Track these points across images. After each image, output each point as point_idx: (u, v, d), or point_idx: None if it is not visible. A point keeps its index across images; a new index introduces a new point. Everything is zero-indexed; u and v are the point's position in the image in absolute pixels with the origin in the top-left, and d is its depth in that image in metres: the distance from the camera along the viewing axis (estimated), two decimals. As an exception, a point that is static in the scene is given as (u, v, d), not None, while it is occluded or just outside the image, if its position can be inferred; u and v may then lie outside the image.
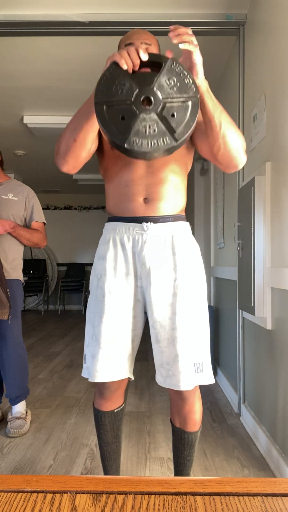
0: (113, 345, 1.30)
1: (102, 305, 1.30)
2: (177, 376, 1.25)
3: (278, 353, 1.81)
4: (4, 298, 2.10)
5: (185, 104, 1.02)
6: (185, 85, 1.02)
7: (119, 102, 1.01)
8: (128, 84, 1.02)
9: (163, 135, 1.01)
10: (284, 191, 1.74)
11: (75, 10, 2.39)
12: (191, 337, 1.26)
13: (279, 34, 1.83)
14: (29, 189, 2.39)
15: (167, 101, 1.01)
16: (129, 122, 1.01)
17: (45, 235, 2.37)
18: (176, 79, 1.03)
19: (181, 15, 2.40)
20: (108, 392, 1.38)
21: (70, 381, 3.14)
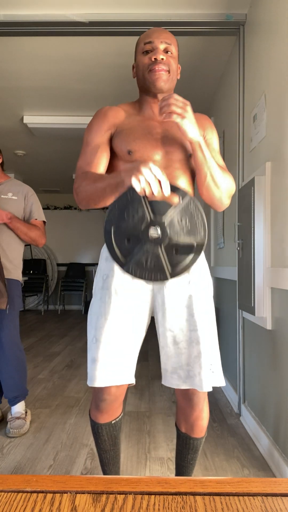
0: (118, 349, 1.25)
1: (107, 307, 1.26)
2: (199, 376, 1.23)
3: (278, 353, 1.81)
4: (2, 287, 2.10)
5: (190, 246, 1.05)
6: (195, 228, 1.05)
7: (128, 227, 1.05)
8: (141, 213, 1.04)
9: (160, 271, 1.05)
10: (284, 191, 1.74)
11: (75, 10, 2.39)
12: (208, 338, 1.26)
13: (279, 34, 1.83)
14: (29, 188, 2.39)
15: (174, 238, 1.04)
16: (132, 248, 1.05)
17: (44, 233, 2.36)
18: (189, 219, 1.05)
19: (181, 15, 2.40)
20: (104, 405, 1.32)
21: (70, 381, 3.14)
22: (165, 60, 1.28)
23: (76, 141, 4.45)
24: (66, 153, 5.22)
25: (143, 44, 1.30)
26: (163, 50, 1.29)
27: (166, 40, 1.29)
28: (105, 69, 3.09)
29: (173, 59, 1.30)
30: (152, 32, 1.32)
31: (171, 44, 1.30)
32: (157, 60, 1.27)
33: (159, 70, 1.27)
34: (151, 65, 1.27)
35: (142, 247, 1.04)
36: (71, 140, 4.58)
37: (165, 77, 1.28)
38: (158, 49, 1.28)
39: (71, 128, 4.08)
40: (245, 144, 2.43)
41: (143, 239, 1.04)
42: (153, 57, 1.27)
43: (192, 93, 3.47)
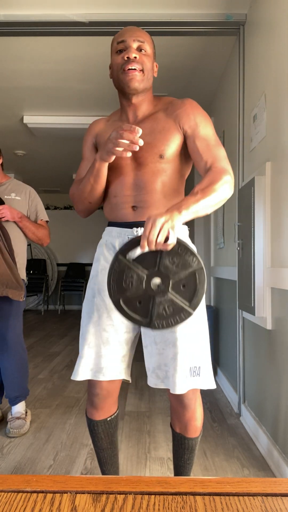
0: (101, 346, 1.29)
1: (91, 305, 1.33)
2: (173, 378, 1.23)
3: (278, 353, 1.81)
4: (20, 279, 2.14)
5: (192, 274, 1.08)
6: (187, 260, 1.07)
7: (133, 293, 1.08)
8: (135, 275, 1.08)
9: (181, 311, 1.09)
10: (284, 191, 1.74)
11: (75, 10, 2.39)
12: (188, 340, 1.26)
13: (279, 34, 1.83)
14: (31, 189, 2.41)
15: (175, 277, 1.07)
16: (147, 306, 1.09)
17: (49, 232, 2.41)
18: (177, 258, 1.07)
19: (181, 15, 2.40)
20: (98, 400, 1.34)
21: (70, 381, 3.14)
22: (138, 59, 1.25)
23: (76, 141, 4.44)
24: (66, 153, 5.22)
25: (116, 44, 1.28)
26: (136, 49, 1.26)
27: (139, 38, 1.27)
28: (105, 69, 3.08)
29: (147, 57, 1.27)
30: (125, 31, 1.29)
31: (144, 42, 1.27)
32: (129, 58, 1.24)
33: (132, 71, 1.24)
34: (124, 64, 1.25)
35: (155, 301, 1.08)
36: (71, 140, 4.58)
37: (139, 77, 1.25)
38: (130, 47, 1.26)
39: (71, 128, 4.08)
40: (245, 144, 2.43)
41: (151, 294, 1.08)
42: (126, 56, 1.25)
43: (192, 93, 3.47)
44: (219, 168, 1.20)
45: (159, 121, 1.29)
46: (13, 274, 2.11)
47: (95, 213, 4.28)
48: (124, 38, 1.27)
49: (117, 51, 1.28)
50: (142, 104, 1.32)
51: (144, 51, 1.27)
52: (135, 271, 1.08)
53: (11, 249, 2.17)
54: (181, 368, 1.23)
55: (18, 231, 2.27)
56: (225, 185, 1.17)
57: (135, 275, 1.08)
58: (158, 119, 1.29)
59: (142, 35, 1.29)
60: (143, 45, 1.27)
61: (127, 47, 1.26)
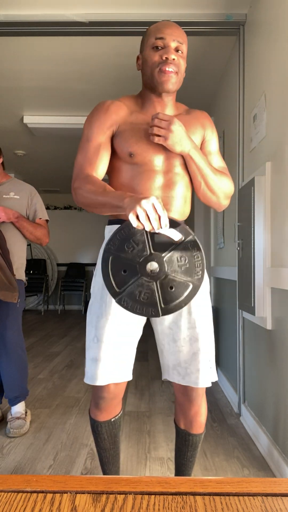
0: (118, 348, 1.27)
1: (108, 306, 1.26)
2: (196, 374, 1.26)
3: (278, 353, 1.81)
4: (13, 280, 2.11)
5: (186, 284, 1.05)
6: (193, 268, 1.05)
7: (127, 258, 1.05)
8: (141, 246, 1.04)
9: (152, 306, 1.05)
10: (284, 191, 1.74)
11: (75, 10, 2.39)
12: (206, 336, 1.29)
13: (279, 34, 1.83)
14: (31, 188, 2.40)
15: (171, 275, 1.04)
16: (128, 279, 1.05)
17: (48, 232, 2.39)
18: (188, 259, 1.05)
19: (181, 15, 2.40)
20: (103, 403, 1.33)
21: (70, 381, 3.14)
22: (176, 61, 1.23)
23: (76, 141, 4.44)
24: (66, 153, 5.22)
25: (154, 39, 1.24)
26: (175, 49, 1.23)
27: (179, 39, 1.24)
28: (105, 69, 3.09)
29: (183, 59, 1.26)
30: (165, 27, 1.24)
31: (182, 43, 1.25)
32: (168, 59, 1.22)
33: (169, 72, 1.22)
34: (161, 64, 1.22)
35: (138, 280, 1.04)
36: (71, 140, 4.58)
37: (174, 79, 1.24)
38: (170, 47, 1.22)
39: (71, 128, 4.08)
40: (245, 144, 2.43)
41: (139, 272, 1.04)
42: (165, 56, 1.22)
43: (192, 93, 3.47)
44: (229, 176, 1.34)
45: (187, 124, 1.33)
46: (5, 275, 2.09)
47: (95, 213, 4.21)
48: (164, 36, 1.23)
49: (154, 47, 1.24)
50: (170, 103, 1.33)
51: (181, 52, 1.25)
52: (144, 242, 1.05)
53: (5, 250, 2.14)
54: (204, 363, 1.27)
55: (16, 232, 2.26)
56: (229, 183, 1.30)
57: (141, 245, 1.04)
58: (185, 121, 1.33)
59: (182, 36, 1.26)
60: (181, 46, 1.25)
61: (166, 45, 1.23)
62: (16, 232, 2.27)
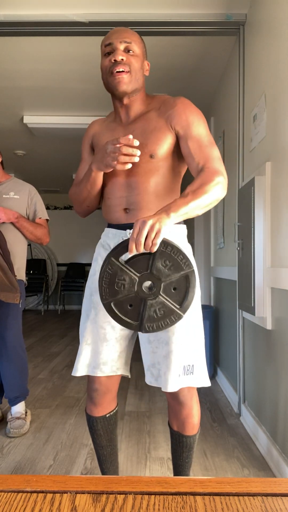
0: (99, 343, 1.32)
1: (89, 303, 1.36)
2: (165, 376, 1.25)
3: (278, 353, 1.81)
4: (15, 281, 2.11)
5: (183, 277, 1.08)
6: (179, 263, 1.08)
7: (124, 296, 1.09)
8: (127, 278, 1.08)
9: (172, 313, 1.09)
10: (284, 191, 1.74)
11: (75, 10, 2.39)
12: (181, 339, 1.26)
13: (279, 34, 1.83)
14: (31, 187, 2.39)
15: (167, 280, 1.08)
16: (138, 309, 1.10)
17: (48, 231, 2.39)
18: (169, 260, 1.08)
19: (181, 15, 2.40)
20: (97, 396, 1.37)
21: (70, 381, 3.14)
22: (126, 60, 1.25)
23: (76, 141, 4.44)
24: (66, 153, 5.22)
25: (104, 46, 1.28)
26: (123, 50, 1.26)
27: (126, 39, 1.26)
28: (105, 69, 3.09)
29: (134, 58, 1.26)
30: (112, 33, 1.28)
31: (131, 42, 1.26)
32: (116, 61, 1.24)
33: (119, 73, 1.24)
34: (111, 67, 1.25)
35: (146, 304, 1.09)
36: (71, 140, 4.58)
37: (127, 79, 1.25)
38: (117, 49, 1.25)
39: (71, 128, 4.08)
40: (245, 144, 2.43)
41: (142, 297, 1.08)
42: (112, 58, 1.25)
43: (192, 93, 3.47)
44: (211, 169, 1.18)
45: (150, 121, 1.29)
46: (6, 276, 2.09)
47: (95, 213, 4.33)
48: (111, 41, 1.26)
49: (105, 54, 1.28)
50: (134, 104, 1.32)
51: (131, 51, 1.26)
52: (127, 273, 1.08)
53: (6, 251, 2.15)
54: (174, 367, 1.25)
55: (16, 232, 2.26)
56: (217, 186, 1.16)
57: (127, 278, 1.08)
58: (150, 119, 1.29)
59: (129, 36, 1.27)
60: (130, 45, 1.26)
61: (114, 49, 1.26)
62: (17, 233, 2.26)
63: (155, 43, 2.62)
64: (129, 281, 1.08)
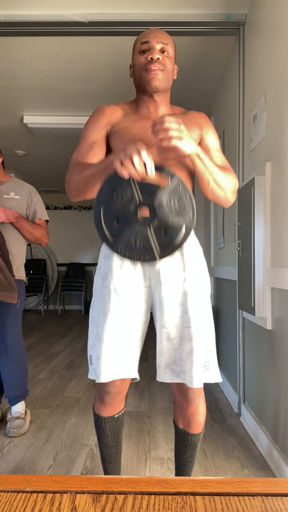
0: (119, 345, 1.29)
1: (107, 304, 1.29)
2: (190, 372, 1.26)
3: (278, 353, 1.81)
4: (13, 281, 2.11)
5: (179, 227, 1.05)
6: (184, 209, 1.05)
7: (117, 208, 1.05)
8: (129, 193, 1.05)
9: (149, 252, 1.05)
10: (284, 191, 1.74)
11: (75, 10, 2.39)
12: (202, 335, 1.28)
13: (279, 34, 1.83)
14: (31, 187, 2.39)
15: (163, 219, 1.04)
16: (121, 228, 1.05)
17: (48, 232, 2.38)
18: (177, 200, 1.05)
19: (181, 15, 2.40)
20: (108, 398, 1.36)
21: (70, 381, 3.14)
22: (161, 60, 1.30)
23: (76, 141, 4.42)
24: (66, 153, 5.21)
25: (140, 44, 1.33)
26: (160, 50, 1.31)
27: (163, 40, 1.31)
28: (105, 69, 3.09)
29: (168, 59, 1.32)
30: (149, 32, 1.34)
31: (167, 44, 1.32)
32: (153, 59, 1.29)
33: (155, 69, 1.29)
34: (147, 64, 1.30)
35: (131, 228, 1.04)
36: (71, 140, 4.57)
37: (161, 76, 1.30)
38: (154, 48, 1.30)
39: (71, 128, 4.08)
40: (245, 144, 2.43)
41: (132, 220, 1.04)
42: (149, 56, 1.29)
43: (192, 93, 3.47)
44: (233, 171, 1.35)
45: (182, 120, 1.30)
46: (4, 276, 2.09)
47: (95, 213, 4.17)
48: (148, 39, 1.31)
49: (140, 51, 1.33)
50: (162, 104, 1.37)
51: (166, 53, 1.32)
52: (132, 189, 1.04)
53: (5, 251, 2.14)
54: (197, 362, 1.26)
55: (16, 232, 2.26)
56: (233, 180, 1.31)
57: (129, 193, 1.04)
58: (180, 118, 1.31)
59: (166, 37, 1.33)
60: (166, 47, 1.32)
61: (150, 48, 1.31)
62: (16, 233, 2.26)
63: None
64: (129, 196, 1.04)
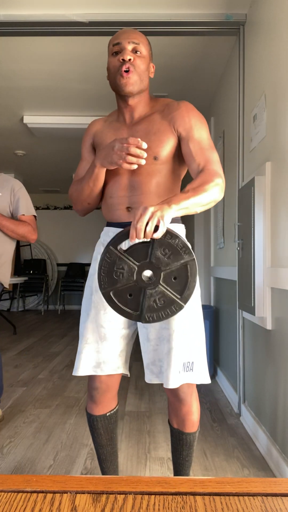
0: (100, 342, 1.33)
1: (89, 303, 1.36)
2: (166, 373, 1.26)
3: (278, 353, 1.81)
4: None
5: (183, 266, 1.07)
6: (179, 251, 1.06)
7: (123, 285, 1.07)
8: (126, 267, 1.06)
9: (172, 303, 1.08)
10: (284, 191, 1.74)
11: (75, 10, 2.39)
12: (182, 336, 1.27)
13: (279, 34, 1.83)
14: (16, 182, 2.26)
15: (167, 269, 1.06)
16: (138, 299, 1.08)
17: (35, 228, 2.23)
18: (169, 248, 1.06)
19: (181, 15, 2.40)
20: (97, 394, 1.38)
21: (70, 381, 3.14)
22: (133, 61, 1.28)
23: (76, 141, 4.44)
24: (66, 153, 5.22)
25: (111, 46, 1.31)
26: (131, 50, 1.29)
27: (134, 40, 1.29)
28: (105, 69, 3.09)
29: (141, 59, 1.30)
30: (120, 33, 1.32)
31: (139, 43, 1.30)
32: (124, 60, 1.27)
33: (127, 73, 1.27)
34: (120, 67, 1.28)
35: (146, 293, 1.07)
36: (71, 140, 4.58)
37: (133, 79, 1.28)
38: (125, 49, 1.29)
39: (71, 128, 4.08)
40: (245, 144, 2.43)
41: (142, 286, 1.07)
42: (121, 58, 1.28)
43: (192, 93, 3.47)
44: (211, 170, 1.21)
45: (154, 123, 1.31)
46: None
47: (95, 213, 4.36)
48: (119, 40, 1.30)
49: (112, 53, 1.31)
50: (138, 106, 1.35)
51: (139, 52, 1.30)
52: (126, 262, 1.06)
53: None
54: (175, 363, 1.26)
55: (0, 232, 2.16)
56: (216, 188, 1.18)
57: (126, 267, 1.06)
58: (153, 121, 1.31)
59: (137, 37, 1.31)
60: (138, 46, 1.30)
61: (122, 49, 1.29)
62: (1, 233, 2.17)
63: (155, 43, 2.62)
64: (128, 269, 1.06)
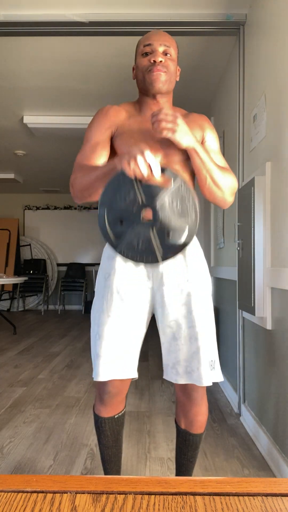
0: (119, 345, 1.29)
1: (109, 304, 1.29)
2: (198, 371, 1.26)
3: (278, 353, 1.81)
4: None
5: (181, 229, 1.06)
6: (187, 211, 1.05)
7: (121, 209, 1.06)
8: (132, 195, 1.05)
9: (151, 254, 1.06)
10: (284, 191, 1.74)
11: (75, 10, 2.39)
12: (207, 335, 1.29)
13: (279, 34, 1.83)
14: None
15: (166, 221, 1.05)
16: (125, 229, 1.06)
17: None
18: (180, 202, 1.05)
19: (181, 15, 2.40)
20: (108, 398, 1.36)
21: (70, 381, 3.14)
22: (164, 62, 1.31)
23: (76, 141, 4.44)
24: (66, 153, 5.21)
25: (142, 46, 1.34)
26: (162, 53, 1.32)
27: (165, 43, 1.32)
28: (105, 69, 3.09)
29: (171, 62, 1.33)
30: (152, 34, 1.34)
31: (170, 46, 1.33)
32: (155, 62, 1.30)
33: (157, 71, 1.30)
34: (150, 66, 1.31)
35: (134, 229, 1.05)
36: (71, 140, 4.57)
37: (163, 78, 1.31)
38: (157, 51, 1.31)
39: (71, 128, 4.08)
40: (245, 144, 2.43)
41: (135, 221, 1.05)
42: (152, 59, 1.30)
43: (192, 93, 3.47)
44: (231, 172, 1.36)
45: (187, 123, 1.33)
46: None
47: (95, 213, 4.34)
48: (151, 42, 1.32)
49: (143, 54, 1.33)
50: (165, 105, 1.38)
51: (169, 55, 1.33)
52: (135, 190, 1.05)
53: None
54: (205, 362, 1.27)
55: None
56: (232, 181, 1.31)
57: (132, 195, 1.05)
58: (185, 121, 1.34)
59: (168, 40, 1.34)
60: (169, 49, 1.33)
61: (153, 50, 1.32)
62: None
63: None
64: (133, 198, 1.05)
